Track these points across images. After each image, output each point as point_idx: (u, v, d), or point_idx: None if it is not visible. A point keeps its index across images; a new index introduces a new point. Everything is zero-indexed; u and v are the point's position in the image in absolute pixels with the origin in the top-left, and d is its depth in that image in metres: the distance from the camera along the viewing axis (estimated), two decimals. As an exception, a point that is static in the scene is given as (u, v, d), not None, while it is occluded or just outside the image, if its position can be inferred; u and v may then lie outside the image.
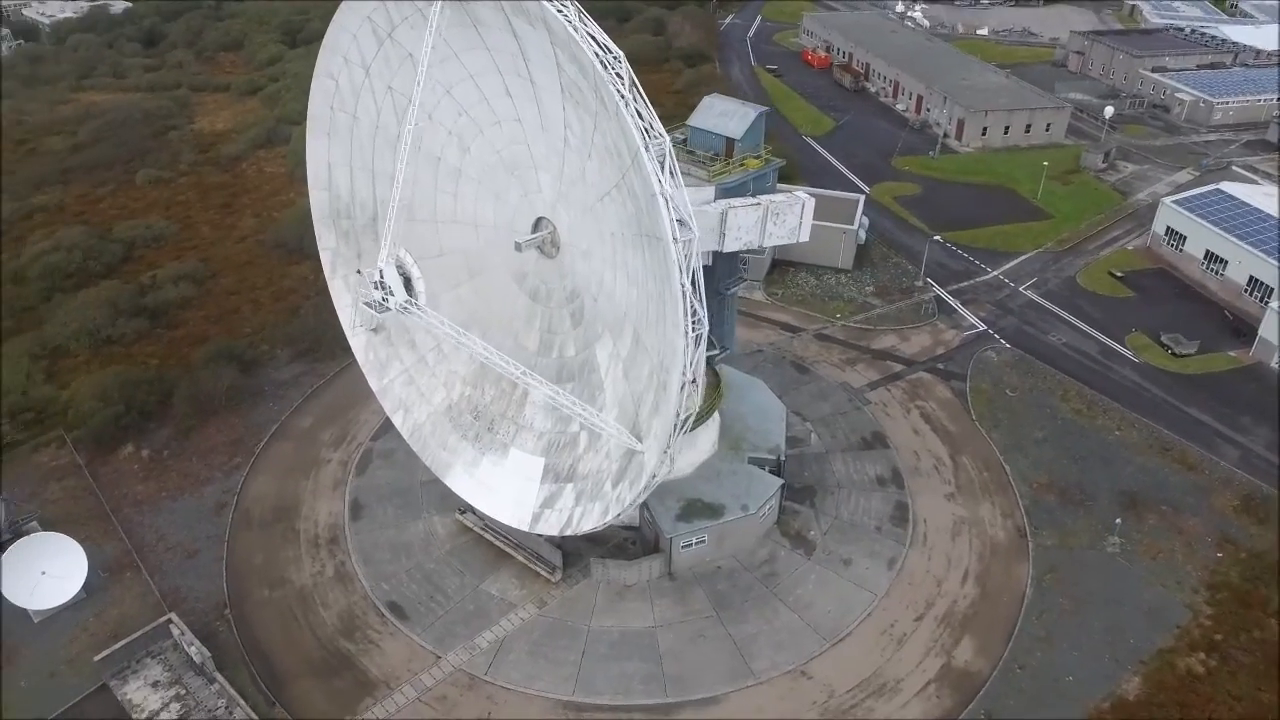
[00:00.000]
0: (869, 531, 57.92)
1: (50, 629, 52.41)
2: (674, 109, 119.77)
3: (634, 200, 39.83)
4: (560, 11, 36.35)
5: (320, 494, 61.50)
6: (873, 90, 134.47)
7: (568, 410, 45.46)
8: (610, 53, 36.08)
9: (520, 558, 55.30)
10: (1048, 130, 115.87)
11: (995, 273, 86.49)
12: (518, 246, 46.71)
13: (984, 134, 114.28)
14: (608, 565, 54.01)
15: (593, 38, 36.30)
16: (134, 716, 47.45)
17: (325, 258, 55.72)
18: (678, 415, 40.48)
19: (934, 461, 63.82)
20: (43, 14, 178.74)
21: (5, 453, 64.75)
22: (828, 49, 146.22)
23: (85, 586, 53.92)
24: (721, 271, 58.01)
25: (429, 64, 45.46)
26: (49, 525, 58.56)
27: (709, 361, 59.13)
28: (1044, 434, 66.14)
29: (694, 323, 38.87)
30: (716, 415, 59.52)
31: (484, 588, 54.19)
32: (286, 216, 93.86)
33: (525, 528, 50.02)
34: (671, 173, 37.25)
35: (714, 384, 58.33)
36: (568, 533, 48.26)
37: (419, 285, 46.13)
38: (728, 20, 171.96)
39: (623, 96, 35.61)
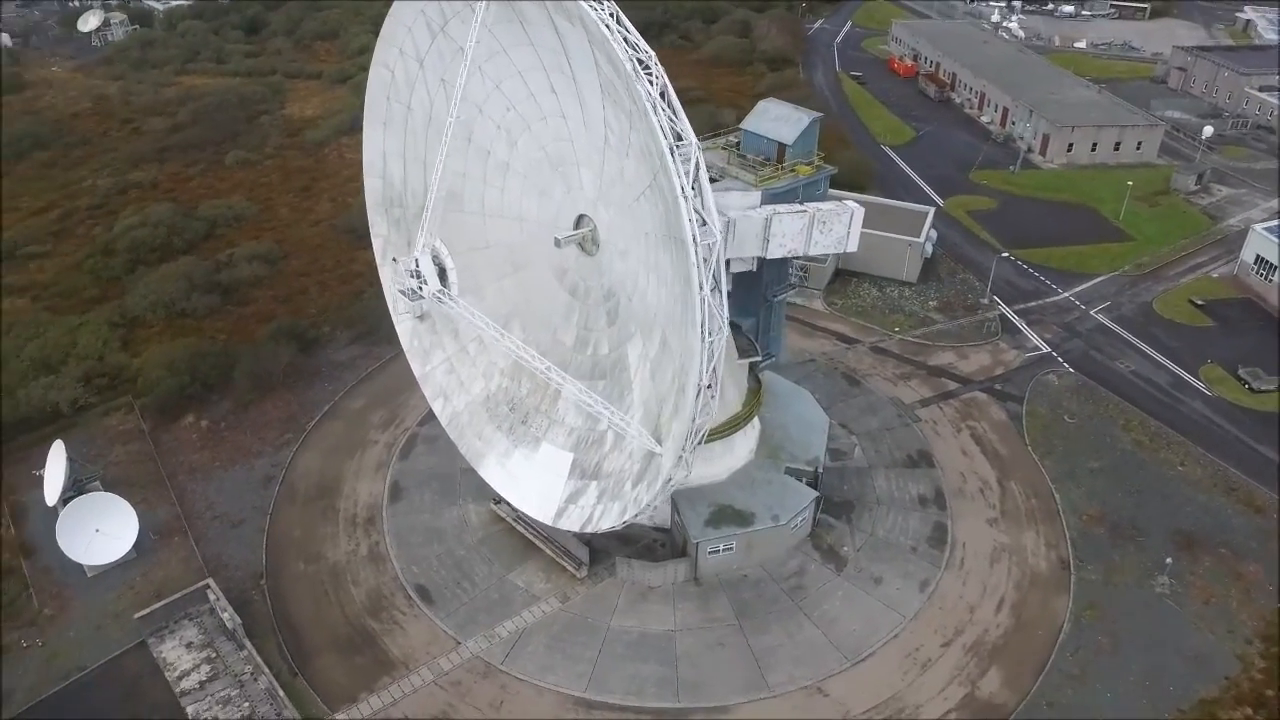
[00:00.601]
0: (904, 551, 56.53)
1: (101, 584, 55.05)
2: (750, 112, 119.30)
3: (664, 201, 39.67)
4: (594, 10, 36.37)
5: (363, 474, 63.04)
6: (957, 101, 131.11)
7: (589, 408, 45.51)
8: (641, 52, 35.91)
9: (549, 551, 55.73)
10: (1139, 149, 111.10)
11: (1066, 294, 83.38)
12: (557, 242, 47.00)
13: (1069, 150, 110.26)
14: (633, 565, 54.01)
15: (624, 38, 36.22)
16: (166, 674, 49.48)
17: (377, 244, 57.07)
18: (693, 420, 40.13)
19: (980, 484, 61.91)
20: (158, 0, 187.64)
21: (79, 415, 68.22)
22: (915, 57, 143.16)
23: (136, 546, 56.43)
24: (769, 278, 57.68)
25: (479, 59, 46.32)
26: (110, 486, 61.56)
27: (752, 368, 58.91)
28: (1100, 464, 63.48)
29: (712, 327, 38.40)
30: (756, 423, 59.02)
31: (511, 578, 54.78)
32: (359, 202, 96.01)
33: (549, 521, 50.33)
34: (698, 175, 36.92)
35: (754, 390, 57.88)
36: (588, 530, 48.40)
37: (452, 276, 46.67)
38: (817, 25, 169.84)
39: (650, 98, 35.44)
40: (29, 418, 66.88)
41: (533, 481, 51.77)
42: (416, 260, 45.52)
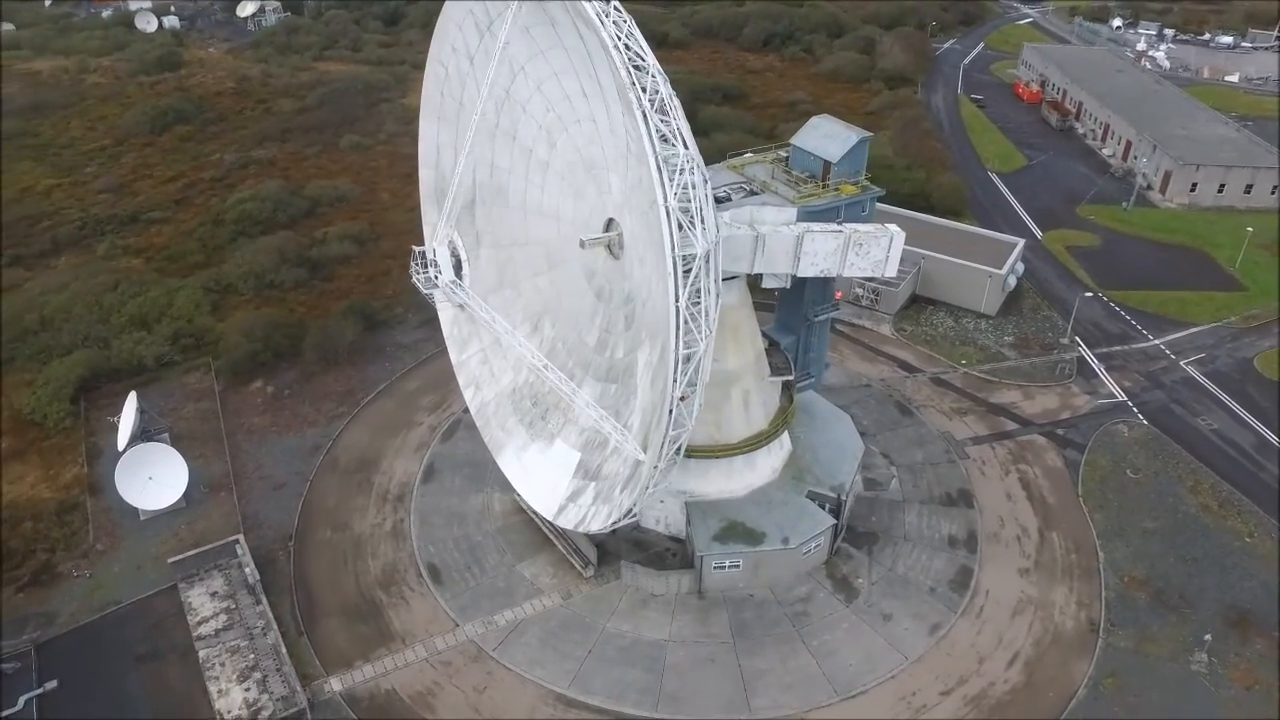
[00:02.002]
0: (921, 591, 54.45)
1: (150, 527, 59.16)
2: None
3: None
4: (594, 10, 36.78)
5: (403, 453, 65.40)
6: (1080, 131, 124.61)
7: (582, 410, 46.02)
8: (636, 58, 36.09)
9: (560, 547, 56.45)
10: (1274, 194, 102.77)
11: (1157, 341, 78.18)
12: (581, 244, 47.65)
13: (1193, 190, 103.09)
14: (637, 571, 54.08)
15: (626, 45, 36.47)
16: (189, 618, 52.75)
17: (427, 232, 59.02)
18: (666, 431, 39.97)
19: (1018, 531, 58.95)
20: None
21: (162, 370, 73.48)
22: (1041, 83, 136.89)
23: (185, 497, 60.42)
24: (812, 297, 56.76)
25: (520, 60, 47.61)
26: (176, 438, 66.11)
27: (786, 386, 57.98)
28: (1157, 525, 59.37)
29: (689, 340, 38.13)
30: (782, 443, 58.11)
31: (519, 569, 55.78)
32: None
33: (550, 517, 51.04)
34: (689, 185, 36.79)
35: (783, 409, 56.96)
36: (580, 529, 48.82)
37: (467, 269, 47.95)
38: (946, 45, 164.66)
39: (640, 105, 35.56)
40: (119, 368, 72.53)
41: (542, 476, 52.61)
42: (434, 250, 46.81)
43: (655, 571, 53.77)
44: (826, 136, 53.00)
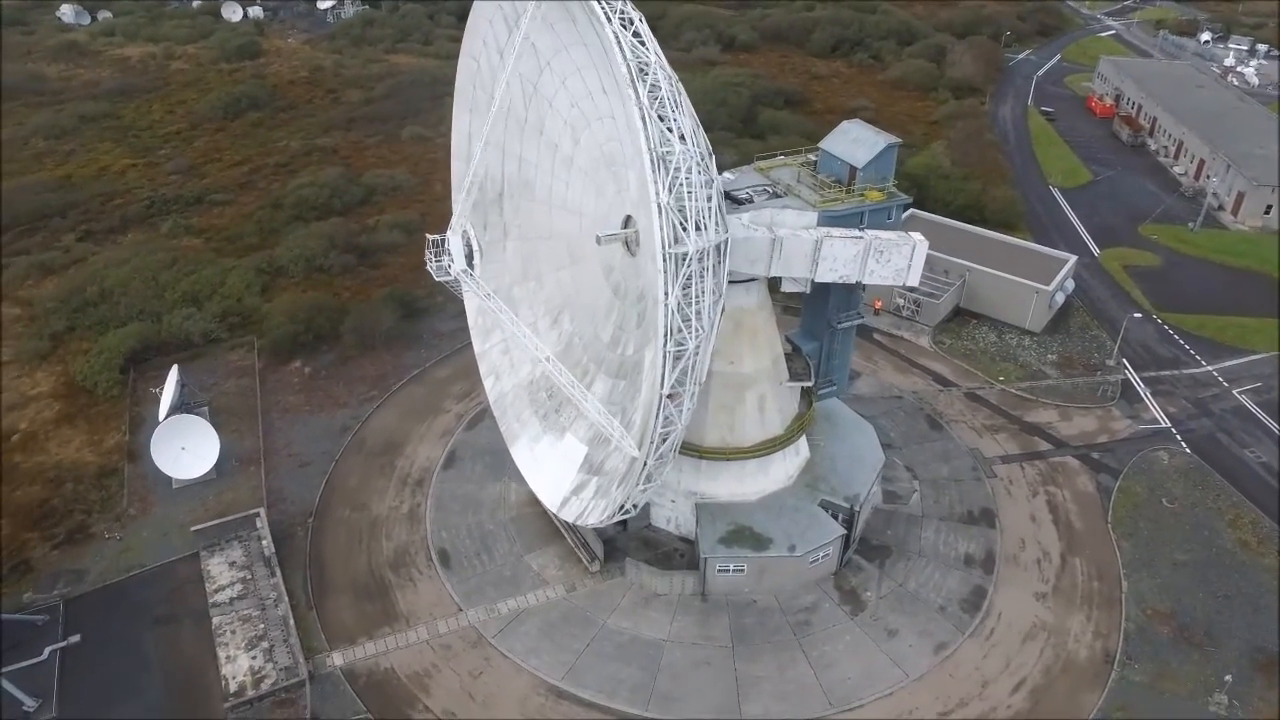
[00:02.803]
0: (930, 609, 53.29)
1: (181, 496, 61.34)
2: (920, 138, 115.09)
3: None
4: (611, 13, 36.93)
5: (427, 439, 66.56)
6: (1152, 148, 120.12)
7: (581, 403, 46.21)
8: (641, 58, 36.12)
9: (570, 540, 56.80)
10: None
11: (1210, 367, 75.02)
12: (598, 240, 47.85)
13: (1267, 212, 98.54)
14: (641, 569, 54.10)
15: (638, 39, 36.52)
16: (206, 585, 54.59)
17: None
18: (654, 428, 39.90)
19: (1039, 554, 57.25)
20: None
21: (208, 346, 76.10)
22: (1116, 98, 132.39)
23: (217, 469, 62.50)
24: (836, 303, 56.05)
25: (547, 55, 48.08)
26: (215, 412, 68.51)
27: (805, 393, 57.34)
28: (1189, 558, 57.03)
29: (680, 339, 37.99)
30: (799, 449, 57.51)
31: (527, 559, 56.29)
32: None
33: (554, 509, 51.40)
34: (686, 184, 36.70)
35: (801, 415, 56.36)
36: (579, 523, 49.06)
37: (478, 259, 48.59)
38: (1021, 56, 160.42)
39: (639, 101, 35.59)
40: (168, 342, 75.38)
41: (551, 469, 53.04)
42: (446, 239, 47.58)
43: (659, 571, 53.72)
44: (854, 141, 52.39)
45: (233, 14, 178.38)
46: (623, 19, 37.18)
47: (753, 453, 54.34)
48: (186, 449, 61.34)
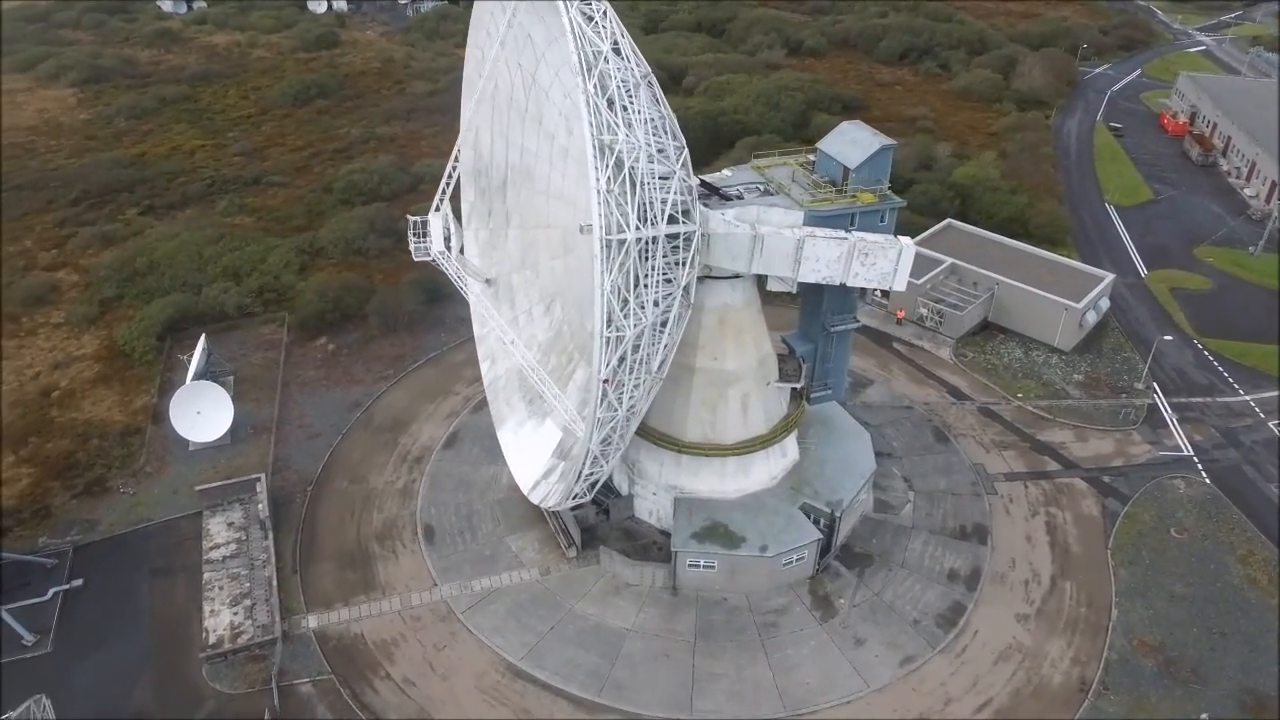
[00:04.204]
0: (904, 621, 52.32)
1: (195, 458, 64.27)
2: (977, 148, 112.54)
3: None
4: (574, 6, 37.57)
5: (433, 419, 68.24)
6: (1224, 168, 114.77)
7: (534, 381, 46.96)
8: (599, 44, 36.64)
9: (551, 526, 57.57)
10: None
11: (1247, 396, 71.50)
12: (581, 230, 48.39)
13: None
14: (614, 558, 54.51)
15: (572, 29, 37.08)
16: (204, 542, 57.14)
17: (464, 209, 61.42)
18: (594, 412, 40.33)
19: (1029, 575, 55.62)
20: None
21: (242, 319, 79.44)
22: (1191, 115, 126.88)
23: (232, 435, 65.30)
24: (831, 306, 55.41)
25: (542, 46, 49.00)
26: (239, 382, 71.65)
27: (795, 394, 56.88)
28: (1189, 591, 54.64)
29: (621, 324, 38.33)
30: (785, 450, 57.14)
31: (507, 540, 57.28)
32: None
33: (525, 491, 52.25)
34: (638, 172, 37.05)
35: (788, 417, 55.96)
36: (544, 506, 49.79)
37: (455, 241, 49.73)
38: (1097, 70, 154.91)
39: (584, 90, 36.11)
40: (205, 313, 78.97)
41: (530, 452, 54.00)
42: (425, 221, 48.93)
43: (630, 561, 54.04)
44: (850, 142, 51.69)
45: (317, 6, 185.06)
46: (583, 9, 37.69)
47: (734, 450, 54.22)
48: (202, 414, 64.20)
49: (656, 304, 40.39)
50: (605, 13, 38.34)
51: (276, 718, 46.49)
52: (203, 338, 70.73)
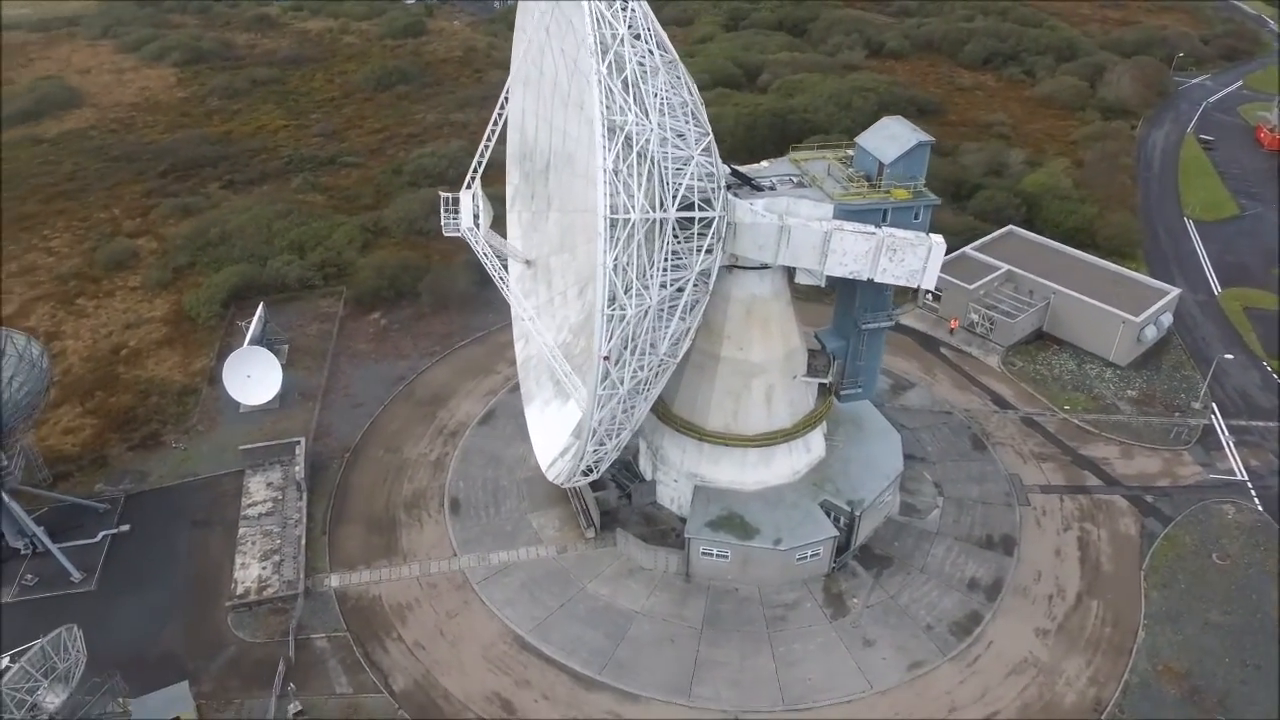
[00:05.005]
0: (916, 625, 51.50)
1: (244, 420, 67.17)
2: (1052, 156, 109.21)
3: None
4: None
5: (472, 395, 69.84)
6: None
7: (549, 358, 47.84)
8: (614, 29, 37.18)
9: (573, 506, 58.41)
10: None
11: (1314, 425, 68.05)
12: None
13: None
14: (630, 541, 55.01)
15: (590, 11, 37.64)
16: (242, 499, 59.75)
17: (509, 192, 62.73)
18: (595, 386, 40.92)
19: (1054, 590, 54.08)
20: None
21: (302, 291, 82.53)
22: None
23: (280, 400, 68.03)
24: (864, 303, 54.84)
25: (585, 32, 49.75)
26: (293, 350, 74.55)
27: (823, 390, 56.42)
28: (1226, 620, 52.35)
29: (624, 302, 38.75)
30: (809, 445, 56.81)
31: (529, 517, 58.34)
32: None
33: (544, 468, 53.12)
34: (648, 155, 37.47)
35: (814, 412, 55.58)
36: (555, 481, 50.63)
37: (482, 219, 50.85)
38: (1195, 80, 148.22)
39: (599, 72, 36.64)
40: (268, 284, 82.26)
41: (552, 431, 54.80)
42: (456, 198, 50.21)
43: (645, 545, 54.46)
44: (888, 137, 51.06)
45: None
46: (608, -9, 38.32)
47: (756, 442, 54.17)
48: (252, 377, 66.97)
49: (665, 286, 40.68)
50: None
51: (290, 667, 48.39)
52: (260, 306, 73.80)
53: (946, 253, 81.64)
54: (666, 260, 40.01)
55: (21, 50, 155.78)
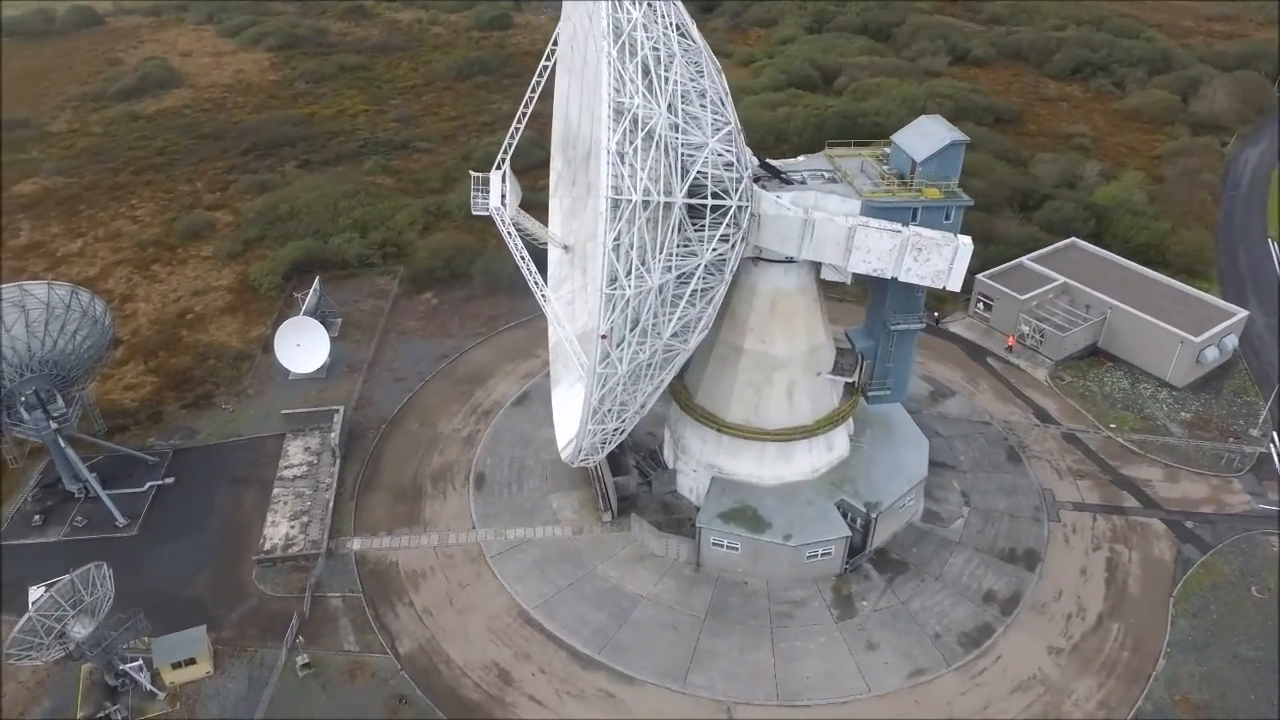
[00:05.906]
0: (924, 633, 50.65)
1: (292, 387, 69.97)
2: (1131, 171, 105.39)
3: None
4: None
5: (510, 377, 71.25)
6: None
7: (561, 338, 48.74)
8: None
9: (594, 489, 59.19)
10: None
11: (1381, 461, 64.20)
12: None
13: None
14: (644, 527, 55.47)
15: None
16: (281, 461, 62.32)
17: (552, 178, 63.89)
18: (594, 363, 41.52)
19: (1074, 609, 52.47)
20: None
21: (361, 268, 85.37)
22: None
23: (328, 370, 70.67)
24: (894, 304, 54.21)
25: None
26: (347, 324, 77.32)
27: (849, 389, 55.85)
28: (1257, 655, 49.99)
29: (625, 284, 39.21)
30: (830, 445, 56.39)
31: (550, 497, 59.35)
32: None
33: (560, 448, 53.97)
34: (657, 139, 37.87)
35: (837, 410, 55.12)
36: (567, 460, 51.39)
37: (511, 200, 52.01)
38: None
39: (609, 54, 37.16)
40: (329, 259, 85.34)
41: (571, 413, 55.54)
42: (486, 178, 51.41)
43: (656, 531, 54.86)
44: (922, 135, 50.39)
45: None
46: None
47: (775, 437, 54.04)
48: (301, 346, 69.74)
49: (669, 270, 41.06)
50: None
51: (303, 622, 50.38)
52: (316, 280, 76.72)
53: (1001, 262, 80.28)
54: (675, 245, 40.34)
55: (134, 33, 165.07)
